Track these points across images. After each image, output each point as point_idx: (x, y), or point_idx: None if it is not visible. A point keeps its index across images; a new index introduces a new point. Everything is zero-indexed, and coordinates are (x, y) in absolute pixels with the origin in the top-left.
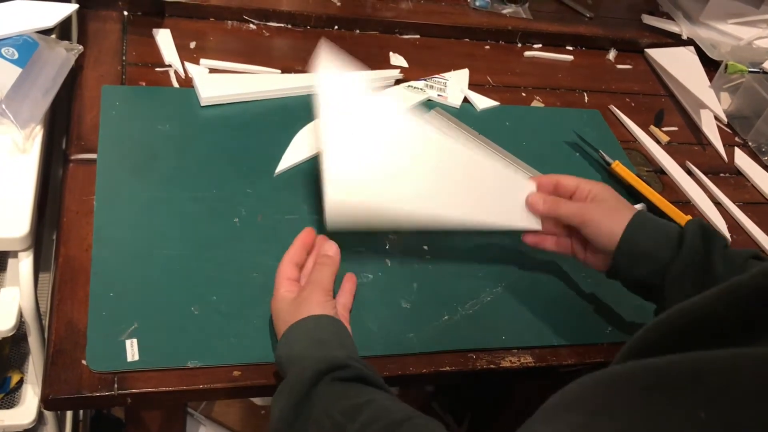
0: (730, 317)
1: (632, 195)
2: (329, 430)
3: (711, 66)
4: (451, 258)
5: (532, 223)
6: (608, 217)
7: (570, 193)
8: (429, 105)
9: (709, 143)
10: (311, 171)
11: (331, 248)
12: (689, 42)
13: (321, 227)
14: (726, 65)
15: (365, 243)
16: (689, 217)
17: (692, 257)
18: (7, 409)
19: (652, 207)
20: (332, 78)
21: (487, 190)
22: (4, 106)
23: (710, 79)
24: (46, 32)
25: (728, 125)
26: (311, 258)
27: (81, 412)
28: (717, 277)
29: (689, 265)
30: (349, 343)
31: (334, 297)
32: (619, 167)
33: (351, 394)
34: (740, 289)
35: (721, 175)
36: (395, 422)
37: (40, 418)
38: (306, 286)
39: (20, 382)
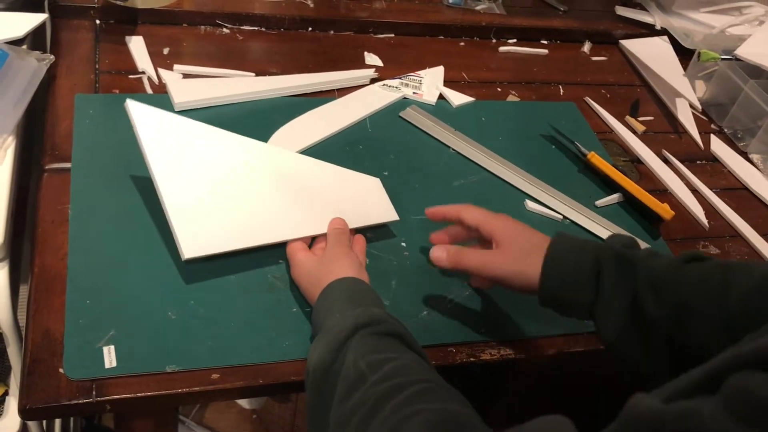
0: None
1: (609, 185)
2: (353, 378)
3: (685, 55)
4: (428, 253)
5: (390, 215)
6: (517, 268)
7: (472, 229)
8: (404, 103)
9: (685, 131)
10: None
11: (339, 222)
12: (663, 32)
13: None
14: (699, 53)
15: None
16: (666, 206)
17: (612, 300)
18: None
19: (629, 197)
20: (154, 118)
21: (335, 194)
22: None
23: (684, 68)
24: (16, 43)
25: (703, 113)
26: (318, 239)
27: (71, 421)
28: (648, 316)
29: (612, 307)
30: (381, 304)
31: None
32: (595, 158)
33: (382, 348)
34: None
35: (698, 162)
36: (410, 382)
37: (24, 429)
38: (328, 248)
39: (5, 395)
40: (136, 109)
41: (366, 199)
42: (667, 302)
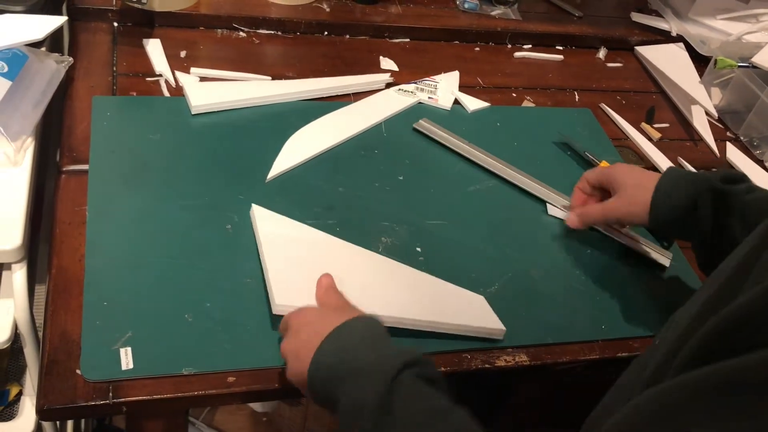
0: None
1: None
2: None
3: (701, 62)
4: (444, 259)
5: (495, 326)
6: (629, 210)
7: (597, 187)
8: (420, 107)
9: (701, 139)
10: (303, 176)
11: (327, 279)
12: (679, 39)
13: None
14: (716, 60)
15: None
16: None
17: (705, 230)
18: (6, 421)
19: None
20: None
21: (443, 297)
22: None
23: (700, 75)
24: (35, 45)
25: (719, 120)
26: None
27: (83, 422)
28: (735, 240)
29: (705, 236)
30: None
31: None
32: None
33: (437, 395)
34: None
35: (714, 170)
36: None
37: (38, 430)
38: (319, 303)
39: (19, 395)
40: (259, 212)
41: (470, 310)
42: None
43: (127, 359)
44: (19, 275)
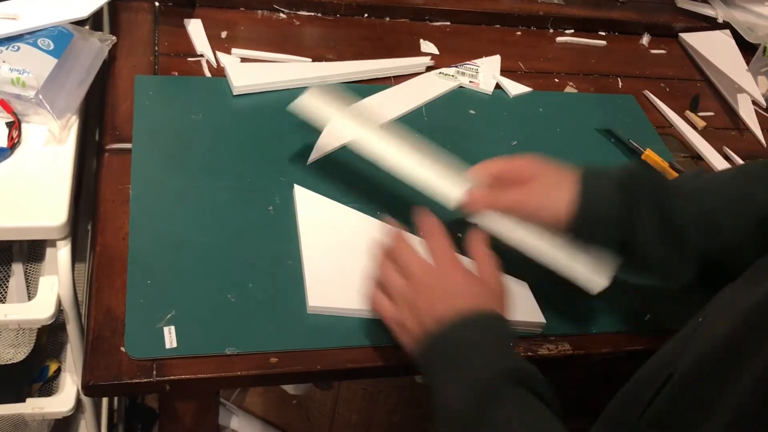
0: None
1: None
2: None
3: (748, 50)
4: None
5: (536, 316)
6: (549, 199)
7: (514, 180)
8: (461, 92)
9: (747, 128)
10: (344, 159)
11: (429, 220)
12: (725, 25)
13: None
14: (764, 48)
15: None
16: None
17: (645, 218)
18: (46, 397)
19: None
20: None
21: None
22: (40, 96)
23: (747, 63)
24: (80, 23)
25: (766, 109)
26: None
27: (116, 401)
28: (682, 225)
29: (650, 226)
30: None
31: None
32: (649, 159)
33: (536, 413)
34: None
35: (760, 160)
36: None
37: (78, 406)
38: (430, 270)
39: (57, 371)
40: (300, 192)
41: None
42: (693, 211)
43: (170, 338)
44: (63, 252)
